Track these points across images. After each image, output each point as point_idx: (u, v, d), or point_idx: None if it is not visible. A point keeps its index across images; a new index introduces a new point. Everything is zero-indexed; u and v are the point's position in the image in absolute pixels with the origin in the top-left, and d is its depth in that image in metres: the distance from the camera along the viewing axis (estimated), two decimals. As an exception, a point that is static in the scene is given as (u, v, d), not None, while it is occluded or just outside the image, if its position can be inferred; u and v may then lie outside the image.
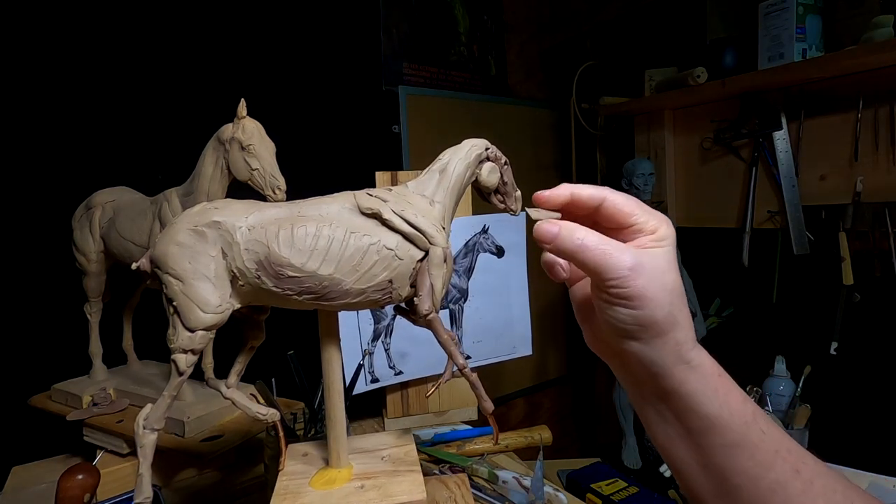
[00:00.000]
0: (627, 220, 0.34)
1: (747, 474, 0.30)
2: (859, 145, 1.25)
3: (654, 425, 0.35)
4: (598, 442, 2.01)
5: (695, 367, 0.32)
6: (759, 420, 0.31)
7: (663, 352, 0.32)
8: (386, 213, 0.41)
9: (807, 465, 0.30)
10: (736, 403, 0.31)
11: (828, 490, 0.30)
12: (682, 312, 0.32)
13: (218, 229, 0.41)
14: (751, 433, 0.31)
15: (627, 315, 0.31)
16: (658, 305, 0.31)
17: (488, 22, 1.70)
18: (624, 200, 0.34)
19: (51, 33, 0.97)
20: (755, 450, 0.30)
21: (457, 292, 0.97)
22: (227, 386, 0.48)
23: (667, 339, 0.32)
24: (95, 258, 0.79)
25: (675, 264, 0.33)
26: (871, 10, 1.20)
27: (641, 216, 0.34)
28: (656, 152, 1.68)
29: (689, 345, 0.32)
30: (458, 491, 0.64)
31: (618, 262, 0.31)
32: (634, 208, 0.34)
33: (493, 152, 0.42)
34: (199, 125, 0.73)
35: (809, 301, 1.40)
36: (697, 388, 0.31)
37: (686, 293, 0.34)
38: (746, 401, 0.32)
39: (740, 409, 0.31)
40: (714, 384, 0.32)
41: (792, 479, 0.30)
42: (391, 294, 0.42)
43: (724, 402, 0.31)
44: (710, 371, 0.32)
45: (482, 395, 0.43)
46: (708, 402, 0.31)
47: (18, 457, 0.82)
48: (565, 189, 0.35)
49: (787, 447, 0.31)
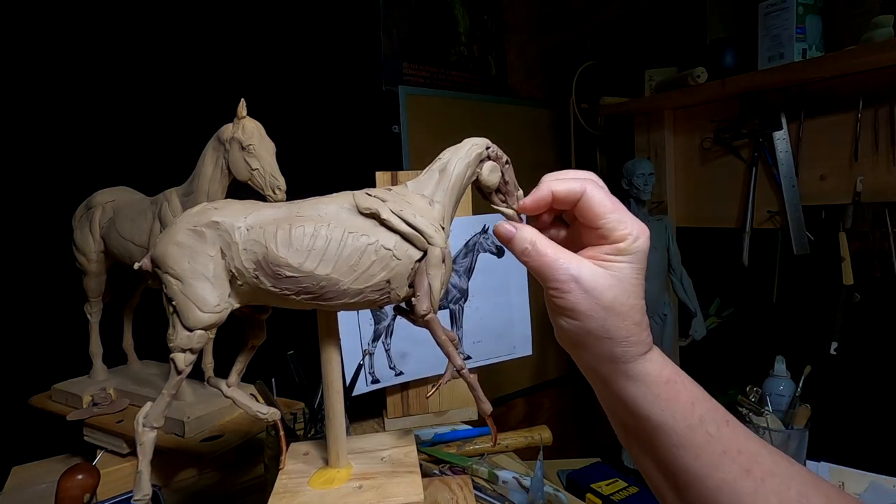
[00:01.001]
0: (596, 222, 0.34)
1: (694, 473, 0.32)
2: (859, 145, 1.25)
3: (612, 421, 0.37)
4: (598, 442, 2.01)
5: (634, 378, 0.33)
6: (708, 423, 0.32)
7: (600, 361, 0.34)
8: (384, 213, 0.40)
9: (759, 465, 0.31)
10: (681, 408, 0.32)
11: (781, 487, 0.31)
12: (621, 329, 0.33)
13: (217, 229, 0.41)
14: (695, 436, 0.32)
15: (563, 322, 0.34)
16: (590, 319, 0.33)
17: (488, 22, 1.70)
18: (599, 201, 0.34)
19: (51, 33, 0.98)
20: (700, 451, 0.31)
21: (457, 292, 0.97)
22: (227, 385, 0.48)
23: (601, 352, 0.33)
24: (95, 258, 0.79)
25: (627, 281, 0.33)
26: (871, 10, 1.20)
27: (610, 223, 0.33)
28: (656, 152, 1.68)
29: (627, 358, 0.33)
30: (461, 493, 0.64)
31: (556, 272, 0.33)
32: (606, 212, 0.33)
33: (494, 151, 0.42)
34: (199, 125, 0.73)
35: (809, 301, 1.40)
36: (637, 394, 0.33)
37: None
38: (696, 404, 0.33)
39: (685, 413, 0.32)
40: (657, 391, 0.33)
41: (741, 479, 0.31)
42: (389, 294, 0.42)
43: (666, 408, 0.32)
44: (655, 379, 0.33)
45: (480, 397, 0.43)
46: (649, 407, 0.33)
47: (18, 457, 0.82)
48: (546, 191, 0.35)
49: (737, 448, 0.32)
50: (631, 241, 0.33)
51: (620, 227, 0.33)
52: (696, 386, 0.34)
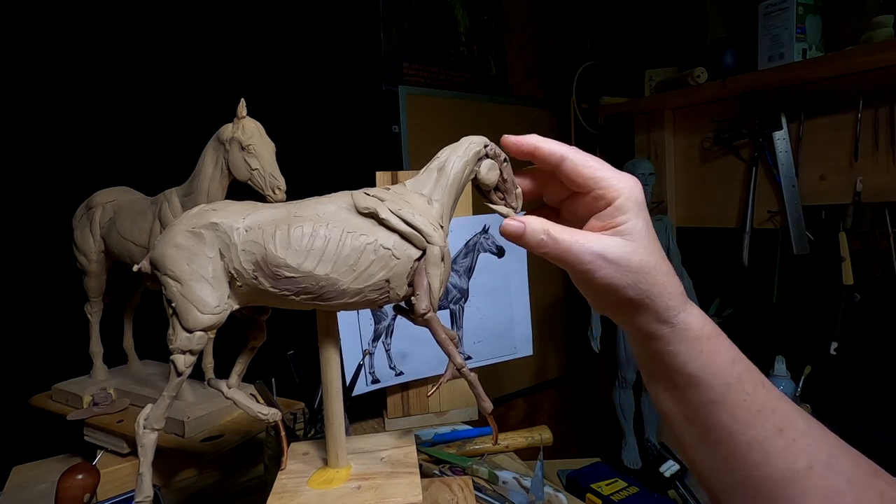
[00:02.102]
0: (586, 184, 0.34)
1: (727, 429, 0.32)
2: (859, 145, 1.25)
3: (646, 376, 0.37)
4: (598, 442, 2.01)
5: (678, 330, 0.33)
6: (745, 382, 0.32)
7: (643, 321, 0.34)
8: (383, 213, 0.40)
9: (793, 426, 0.32)
10: (720, 365, 0.33)
11: (812, 448, 0.31)
12: (656, 285, 0.33)
13: (215, 231, 0.41)
14: (732, 393, 0.32)
15: (599, 299, 0.35)
16: (626, 288, 0.33)
17: (488, 22, 1.70)
18: (583, 163, 0.34)
19: (51, 33, 0.98)
20: (735, 408, 0.32)
21: (457, 292, 0.97)
22: (228, 386, 0.48)
23: (643, 312, 0.33)
24: (96, 258, 0.79)
25: (643, 238, 0.33)
26: (871, 10, 1.20)
27: (600, 182, 0.33)
28: (656, 152, 1.68)
29: (670, 311, 0.33)
30: (462, 494, 0.64)
31: (580, 255, 0.33)
32: (594, 171, 0.34)
33: (492, 149, 0.42)
34: (199, 125, 0.73)
35: (809, 301, 1.40)
36: (679, 349, 0.33)
37: (686, 293, 0.34)
38: (735, 363, 0.33)
39: (724, 371, 0.33)
40: (699, 346, 0.33)
41: (773, 437, 0.31)
42: (389, 294, 0.42)
43: (707, 363, 0.33)
44: (697, 333, 0.33)
45: (481, 395, 0.43)
46: (690, 362, 0.33)
47: (19, 456, 0.82)
48: (531, 140, 0.36)
49: (772, 407, 0.32)
50: (627, 195, 0.33)
51: (611, 185, 0.33)
52: (733, 344, 0.34)
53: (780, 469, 0.31)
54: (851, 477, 0.31)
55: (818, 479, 0.31)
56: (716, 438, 0.33)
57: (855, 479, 0.31)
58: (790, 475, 0.31)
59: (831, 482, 0.31)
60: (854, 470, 0.31)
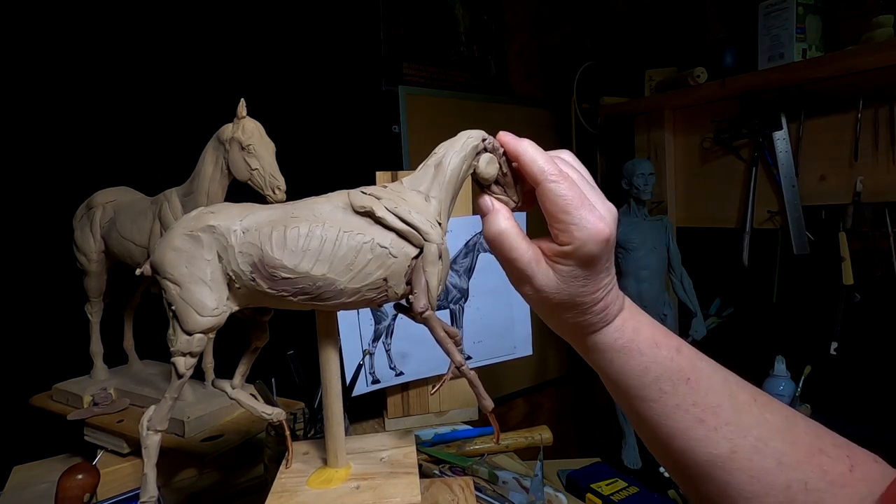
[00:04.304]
0: (550, 219, 0.35)
1: (648, 419, 0.36)
2: (859, 145, 1.25)
3: None
4: (598, 442, 2.01)
5: (590, 345, 0.37)
6: (663, 382, 0.35)
7: (560, 331, 0.38)
8: (379, 211, 0.40)
9: (716, 415, 0.34)
10: (634, 371, 0.36)
11: (736, 435, 0.33)
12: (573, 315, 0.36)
13: (213, 233, 0.41)
14: (647, 392, 0.35)
15: (526, 300, 0.38)
16: (543, 311, 0.37)
17: (488, 22, 1.70)
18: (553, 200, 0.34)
19: (51, 33, 0.98)
20: (653, 403, 0.35)
21: (457, 292, 0.97)
22: (232, 386, 0.48)
23: (558, 326, 0.38)
24: (96, 258, 0.79)
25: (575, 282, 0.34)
26: (871, 10, 1.20)
27: (562, 225, 0.33)
28: (656, 152, 1.68)
29: (583, 333, 0.37)
30: (462, 494, 0.64)
31: (512, 266, 0.36)
32: (559, 214, 0.33)
33: (491, 143, 0.41)
34: (199, 125, 0.73)
35: (809, 301, 1.40)
36: (594, 357, 0.38)
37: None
38: (650, 368, 0.35)
39: (637, 375, 0.36)
40: (610, 356, 0.36)
41: (694, 427, 0.34)
42: (387, 293, 0.41)
43: (620, 370, 0.36)
44: (610, 346, 0.36)
45: (481, 394, 0.43)
46: (605, 367, 0.37)
47: (19, 456, 0.83)
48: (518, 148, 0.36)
49: (692, 402, 0.34)
50: (575, 248, 0.33)
51: (569, 232, 0.33)
52: (661, 347, 0.36)
53: (702, 454, 0.34)
54: (782, 458, 0.32)
55: (743, 461, 0.33)
56: (640, 422, 0.37)
57: (787, 459, 0.32)
58: (713, 459, 0.33)
59: (758, 464, 0.32)
60: (789, 450, 0.33)
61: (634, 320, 0.37)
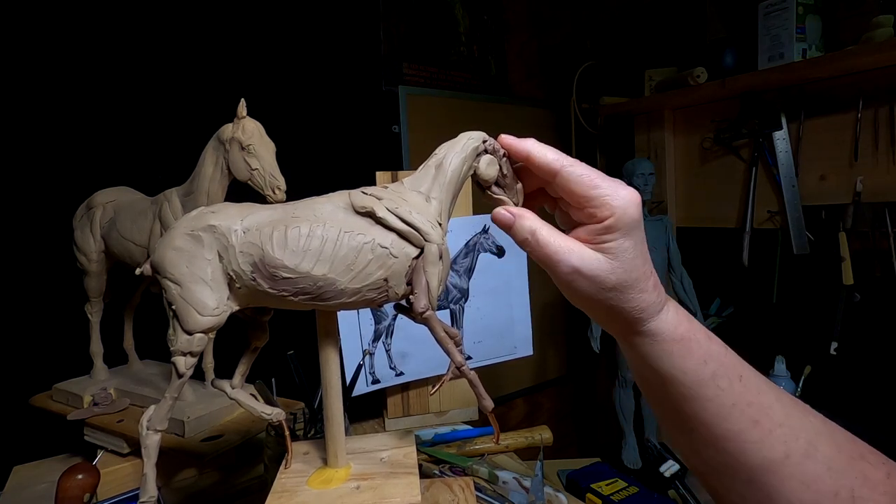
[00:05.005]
0: (579, 202, 0.34)
1: (701, 421, 0.33)
2: (859, 145, 1.25)
3: (629, 364, 0.39)
4: (598, 442, 2.02)
5: (647, 336, 0.34)
6: (720, 378, 0.33)
7: (614, 327, 0.36)
8: (380, 212, 0.40)
9: (769, 417, 0.32)
10: (692, 365, 0.33)
11: (789, 437, 0.32)
12: (629, 301, 0.33)
13: (213, 233, 0.41)
14: (705, 390, 0.33)
15: (576, 301, 0.36)
16: (598, 302, 0.34)
17: (488, 22, 1.70)
18: (577, 180, 0.33)
19: (51, 33, 0.98)
20: (707, 402, 0.33)
21: (457, 292, 0.97)
22: (231, 386, 0.48)
23: (613, 319, 0.35)
24: (96, 258, 0.79)
25: (626, 258, 0.33)
26: (871, 10, 1.20)
27: (592, 202, 0.33)
28: (656, 152, 1.68)
29: (639, 323, 0.34)
30: (462, 494, 0.64)
31: (558, 265, 0.34)
32: (587, 190, 0.33)
33: (491, 144, 0.41)
34: (199, 125, 0.73)
35: (809, 301, 1.40)
36: (648, 351, 0.34)
37: (687, 293, 0.35)
38: (708, 362, 0.34)
39: (695, 370, 0.33)
40: (669, 348, 0.34)
41: (749, 429, 0.32)
42: (387, 293, 0.42)
43: (677, 364, 0.34)
44: (667, 337, 0.34)
45: (481, 394, 0.43)
46: (660, 362, 0.34)
47: (19, 456, 0.83)
48: (526, 146, 0.36)
49: (748, 401, 0.33)
50: (617, 217, 0.33)
51: (604, 204, 0.33)
52: (714, 341, 0.35)
53: (756, 458, 0.32)
54: (831, 463, 0.31)
55: (795, 466, 0.31)
56: (690, 427, 0.34)
57: (835, 464, 0.31)
58: (766, 464, 0.32)
59: (809, 469, 0.31)
60: (836, 455, 0.32)
61: (682, 310, 0.36)
